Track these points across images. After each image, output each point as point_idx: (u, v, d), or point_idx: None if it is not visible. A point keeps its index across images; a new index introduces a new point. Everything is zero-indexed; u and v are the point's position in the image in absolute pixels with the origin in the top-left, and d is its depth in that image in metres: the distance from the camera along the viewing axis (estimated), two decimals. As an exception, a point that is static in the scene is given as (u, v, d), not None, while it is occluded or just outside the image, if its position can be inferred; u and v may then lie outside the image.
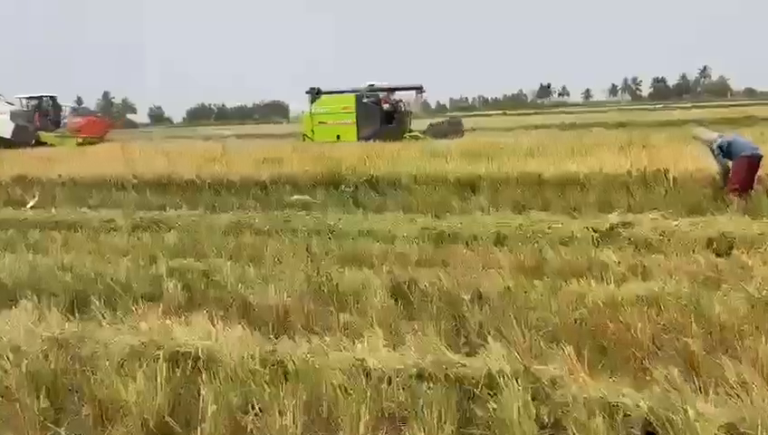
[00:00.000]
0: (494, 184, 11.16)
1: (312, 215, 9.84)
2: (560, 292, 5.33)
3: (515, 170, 11.57)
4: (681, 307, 4.77)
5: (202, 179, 13.12)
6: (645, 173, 10.78)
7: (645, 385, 3.93)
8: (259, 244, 7.82)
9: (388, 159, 13.72)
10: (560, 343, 4.33)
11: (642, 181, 10.59)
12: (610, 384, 3.82)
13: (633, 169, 10.89)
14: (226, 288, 5.94)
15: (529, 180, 11.08)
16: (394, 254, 7.21)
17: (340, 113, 25.83)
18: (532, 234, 8.03)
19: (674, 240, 7.48)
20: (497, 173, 11.44)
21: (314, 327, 5.00)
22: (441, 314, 5.04)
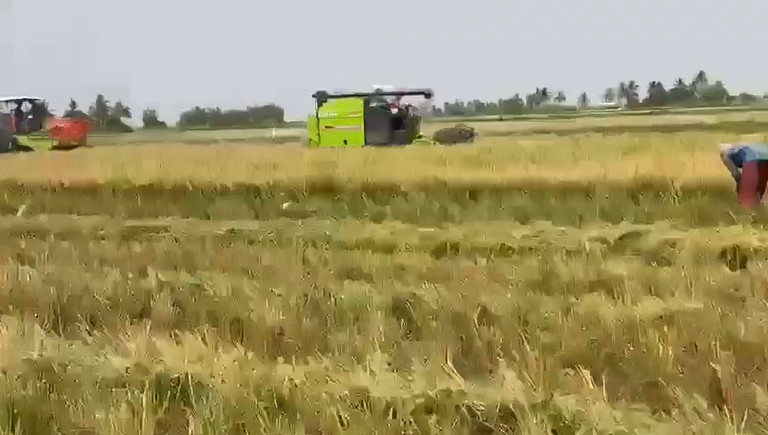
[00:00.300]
0: (495, 191, 10.90)
1: (307, 223, 9.54)
2: (572, 310, 5.03)
3: (517, 177, 11.31)
4: (704, 328, 4.48)
5: (195, 185, 12.82)
6: (651, 180, 10.52)
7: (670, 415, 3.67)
8: (253, 254, 7.52)
9: (384, 166, 13.44)
10: (575, 367, 4.05)
11: (649, 189, 10.34)
12: (633, 414, 3.53)
13: (639, 177, 10.63)
14: (219, 304, 5.63)
15: (531, 188, 10.81)
16: (394, 266, 6.91)
17: (348, 118, 25.21)
18: (538, 245, 7.74)
19: (685, 252, 7.20)
20: (498, 180, 11.17)
21: (312, 348, 4.69)
22: (447, 334, 4.73)
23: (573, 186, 10.97)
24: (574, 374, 3.98)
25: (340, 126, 25.13)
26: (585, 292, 5.71)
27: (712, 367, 3.85)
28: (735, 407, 3.61)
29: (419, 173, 12.11)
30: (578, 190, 10.77)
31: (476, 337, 4.63)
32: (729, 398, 3.70)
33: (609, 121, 45.73)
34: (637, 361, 4.14)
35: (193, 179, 13.00)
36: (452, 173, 11.95)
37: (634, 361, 4.15)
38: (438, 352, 4.37)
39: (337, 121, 25.31)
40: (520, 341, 4.53)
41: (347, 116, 25.22)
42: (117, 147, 28.49)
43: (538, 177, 11.31)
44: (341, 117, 25.35)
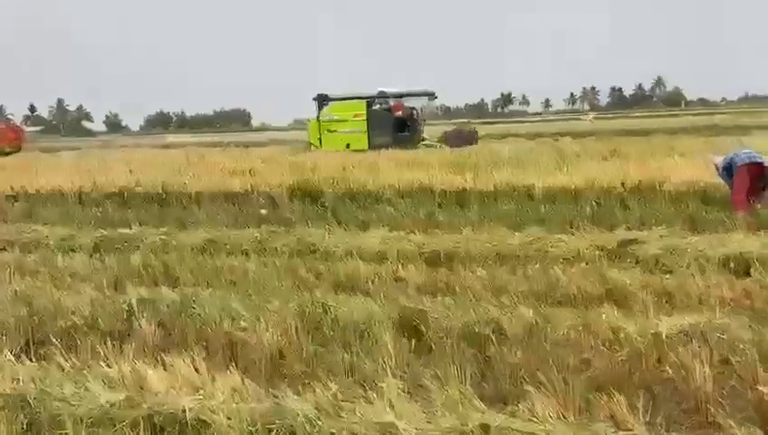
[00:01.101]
0: (481, 197, 10.61)
1: (291, 232, 9.10)
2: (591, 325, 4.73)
3: (502, 182, 11.04)
4: (735, 344, 4.21)
5: (168, 192, 12.27)
6: (639, 185, 10.35)
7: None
8: (238, 266, 7.07)
9: (366, 170, 13.07)
10: (608, 391, 3.74)
11: (636, 194, 10.16)
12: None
13: (627, 182, 10.45)
14: (208, 323, 5.19)
15: (518, 193, 10.55)
16: (390, 277, 6.55)
17: (351, 121, 24.44)
18: (535, 253, 7.46)
19: (686, 259, 6.99)
20: (485, 186, 10.87)
21: (316, 372, 4.31)
22: (462, 354, 4.39)
23: (560, 191, 10.74)
24: (607, 399, 3.69)
25: (342, 129, 24.38)
26: (595, 304, 5.45)
27: (758, 390, 3.57)
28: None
29: (402, 178, 11.77)
30: (565, 196, 10.53)
31: (495, 358, 4.29)
32: (778, 424, 3.42)
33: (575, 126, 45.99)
34: (673, 383, 3.85)
35: (166, 186, 12.44)
36: (435, 178, 11.63)
37: (670, 383, 3.86)
38: (455, 375, 4.04)
39: (339, 125, 24.54)
40: (541, 361, 4.21)
41: (350, 119, 24.46)
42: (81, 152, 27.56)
43: (523, 182, 11.05)
44: (344, 120, 24.56)
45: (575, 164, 13.20)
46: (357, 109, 24.69)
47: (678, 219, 8.73)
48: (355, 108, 24.78)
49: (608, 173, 11.37)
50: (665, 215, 9.08)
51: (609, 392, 3.75)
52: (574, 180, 10.89)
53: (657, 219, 8.76)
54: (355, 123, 24.33)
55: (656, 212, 9.27)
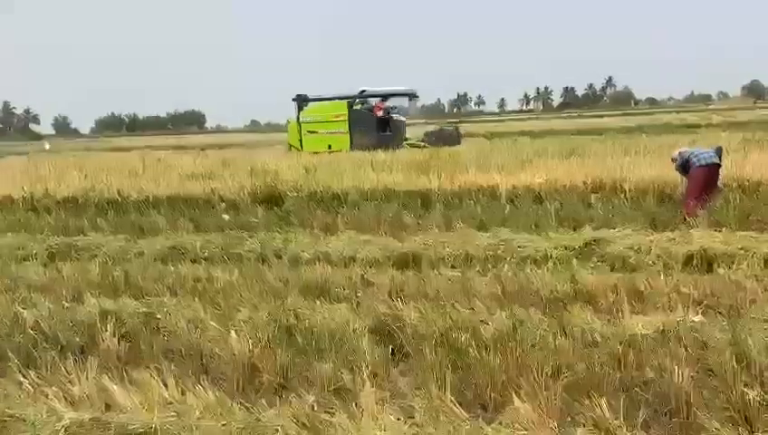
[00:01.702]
0: (446, 198, 10.58)
1: (254, 237, 8.91)
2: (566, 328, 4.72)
3: (467, 183, 11.03)
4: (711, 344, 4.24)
5: (124, 198, 11.91)
6: (601, 185, 10.46)
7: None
8: (203, 274, 6.87)
9: (328, 172, 12.91)
10: (589, 395, 3.72)
11: (599, 193, 10.27)
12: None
13: (589, 181, 10.55)
14: (175, 334, 5.01)
15: (483, 194, 10.55)
16: (359, 282, 6.45)
17: (332, 122, 23.92)
18: (503, 254, 7.44)
19: (652, 257, 7.07)
20: (450, 186, 10.85)
21: (292, 384, 4.18)
22: (440, 360, 4.31)
23: (524, 191, 10.78)
24: (589, 403, 3.66)
25: (323, 130, 23.89)
26: (568, 304, 5.44)
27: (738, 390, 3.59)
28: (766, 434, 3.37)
29: (366, 180, 11.66)
30: (529, 195, 10.58)
31: (473, 364, 4.22)
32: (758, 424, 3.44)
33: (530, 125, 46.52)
34: (653, 385, 3.84)
35: (122, 191, 12.07)
36: (400, 180, 11.56)
37: (650, 385, 3.85)
38: (434, 383, 3.96)
39: (320, 126, 24.03)
40: (520, 365, 4.17)
41: (331, 120, 23.97)
42: (29, 157, 26.66)
43: (488, 183, 11.06)
44: (325, 120, 24.04)
45: (536, 164, 13.28)
46: (338, 109, 24.25)
47: (641, 218, 8.85)
48: (336, 108, 24.34)
49: (569, 173, 11.46)
50: (627, 213, 9.19)
51: (590, 395, 3.73)
52: (536, 180, 10.94)
53: (620, 218, 8.86)
54: (336, 124, 23.92)
55: (618, 211, 9.38)
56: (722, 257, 6.85)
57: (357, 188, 11.15)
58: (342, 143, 23.12)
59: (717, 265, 6.68)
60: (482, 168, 12.85)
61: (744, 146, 14.39)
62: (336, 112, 24.15)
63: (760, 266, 6.35)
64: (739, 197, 9.38)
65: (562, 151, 15.37)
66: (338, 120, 23.95)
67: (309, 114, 24.67)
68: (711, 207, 8.95)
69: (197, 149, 31.18)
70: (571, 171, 11.61)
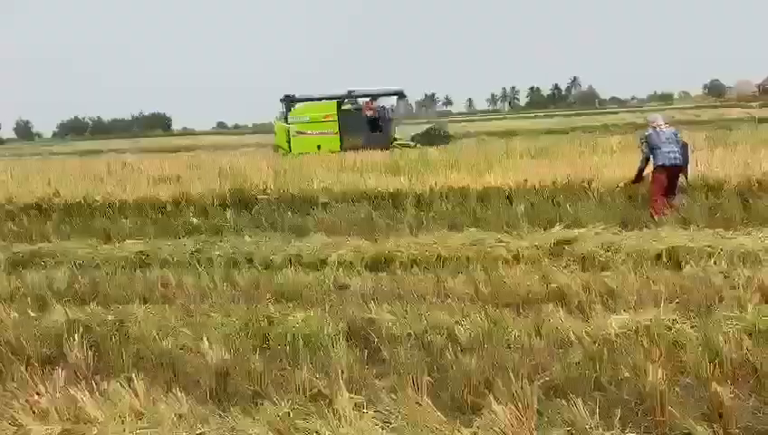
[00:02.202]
0: (418, 199, 10.58)
1: (225, 241, 8.80)
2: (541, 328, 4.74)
3: (438, 184, 11.04)
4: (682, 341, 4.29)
5: (90, 203, 11.66)
6: (570, 184, 10.56)
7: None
8: (173, 280, 6.75)
9: (298, 174, 12.82)
10: (566, 395, 3.73)
11: (569, 193, 10.36)
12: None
13: (558, 181, 10.64)
14: (145, 342, 4.91)
15: (455, 195, 10.57)
16: (333, 285, 6.40)
17: (321, 122, 23.45)
18: (476, 254, 7.46)
19: (622, 256, 7.15)
20: (421, 188, 10.85)
21: (266, 390, 4.12)
22: (416, 363, 4.29)
23: (494, 191, 10.82)
24: (565, 403, 3.67)
25: (312, 131, 23.41)
26: (541, 304, 5.46)
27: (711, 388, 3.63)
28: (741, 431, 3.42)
29: (337, 182, 11.60)
30: (499, 196, 10.62)
31: (449, 366, 4.21)
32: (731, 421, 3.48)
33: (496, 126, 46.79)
34: (627, 383, 3.87)
35: (88, 196, 11.82)
36: (371, 182, 11.52)
37: (624, 383, 3.88)
38: (411, 386, 3.94)
39: (309, 126, 23.56)
40: (496, 367, 4.17)
41: (320, 120, 23.50)
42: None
43: (458, 183, 11.08)
44: (314, 121, 23.57)
45: (506, 164, 13.35)
46: (327, 110, 23.83)
47: (610, 216, 8.95)
48: (325, 109, 23.91)
49: (538, 173, 11.54)
50: (596, 212, 9.28)
51: (566, 396, 3.74)
52: (506, 181, 10.99)
53: (589, 217, 8.95)
54: (326, 125, 23.49)
55: (587, 210, 9.47)
56: (690, 255, 6.96)
57: (327, 190, 11.08)
58: (332, 144, 22.81)
59: (686, 263, 6.77)
60: (453, 168, 12.88)
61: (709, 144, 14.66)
62: (325, 113, 23.78)
63: (727, 263, 6.45)
64: (705, 195, 9.54)
65: (531, 151, 15.49)
66: (327, 121, 23.59)
67: (297, 115, 24.24)
68: (677, 205, 9.10)
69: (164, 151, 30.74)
70: (541, 171, 11.69)
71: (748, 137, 17.03)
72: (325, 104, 24.30)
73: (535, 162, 13.69)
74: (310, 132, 23.48)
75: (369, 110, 24.13)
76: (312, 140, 23.25)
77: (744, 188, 9.69)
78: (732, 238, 7.20)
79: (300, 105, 24.65)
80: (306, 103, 24.78)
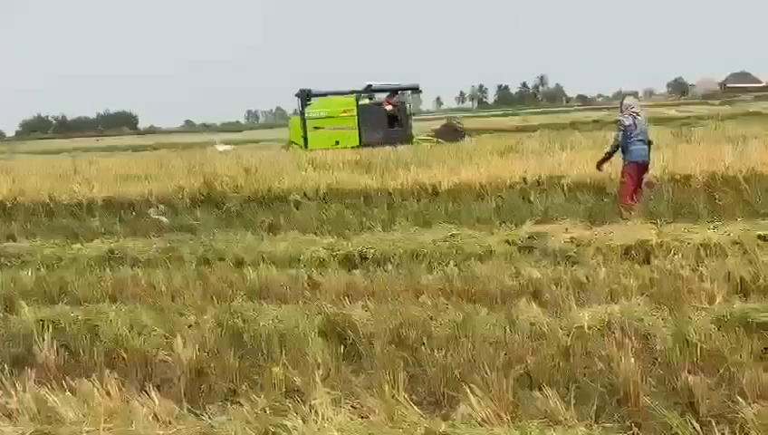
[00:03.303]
0: (389, 196, 10.60)
1: (196, 239, 8.71)
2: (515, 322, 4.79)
3: (410, 181, 11.08)
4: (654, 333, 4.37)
5: (57, 202, 11.46)
6: (540, 181, 10.68)
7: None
8: (145, 278, 6.67)
9: (269, 172, 12.75)
10: (540, 388, 3.77)
11: (539, 189, 10.47)
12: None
13: (528, 177, 10.75)
14: (118, 342, 4.84)
15: (426, 191, 10.62)
16: (307, 283, 6.38)
17: (340, 117, 22.81)
18: (448, 250, 7.50)
19: (591, 250, 7.24)
20: (392, 184, 10.87)
21: (241, 388, 4.09)
22: (392, 359, 4.30)
23: (465, 188, 10.90)
24: (540, 395, 3.72)
25: (330, 126, 22.73)
26: (515, 299, 5.51)
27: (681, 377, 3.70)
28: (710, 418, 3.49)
29: (309, 180, 11.56)
30: (470, 192, 10.70)
31: (425, 361, 4.23)
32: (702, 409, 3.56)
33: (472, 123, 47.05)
34: (601, 375, 3.93)
35: (54, 195, 11.61)
36: (343, 179, 11.52)
37: (598, 375, 3.94)
38: (387, 381, 3.94)
39: (327, 121, 22.89)
40: (471, 361, 4.20)
41: (339, 115, 22.89)
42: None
43: (430, 180, 11.13)
44: (332, 116, 22.91)
45: (476, 161, 13.45)
46: (346, 104, 23.29)
47: (579, 212, 9.07)
48: (344, 103, 23.37)
49: (509, 169, 11.66)
50: (566, 208, 9.40)
51: (541, 388, 3.79)
52: (477, 177, 11.08)
53: (559, 213, 9.06)
54: (344, 119, 22.89)
55: (558, 206, 9.58)
56: (658, 248, 7.08)
57: (299, 187, 11.05)
58: (351, 139, 22.25)
59: (654, 256, 6.89)
60: (423, 165, 12.93)
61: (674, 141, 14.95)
62: (344, 107, 23.22)
63: (694, 256, 6.58)
64: (672, 190, 9.72)
65: (499, 148, 15.63)
66: (346, 116, 23.01)
67: (315, 109, 23.53)
68: (645, 200, 9.25)
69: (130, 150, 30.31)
70: (511, 168, 11.80)
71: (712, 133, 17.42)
72: (344, 99, 23.78)
73: (506, 159, 13.82)
74: (328, 127, 22.83)
75: (389, 105, 23.65)
76: (329, 136, 22.61)
77: (709, 183, 9.90)
78: (698, 232, 7.34)
79: (316, 100, 24.03)
80: (324, 98, 24.21)
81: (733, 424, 3.38)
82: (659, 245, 7.15)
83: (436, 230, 8.34)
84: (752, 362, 3.86)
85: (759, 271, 5.66)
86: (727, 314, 4.60)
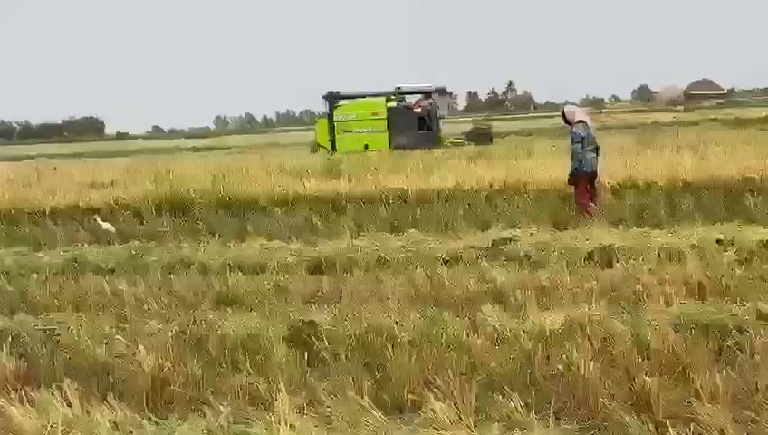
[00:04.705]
0: (357, 202, 10.63)
1: (161, 246, 8.63)
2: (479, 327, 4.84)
3: (378, 187, 11.12)
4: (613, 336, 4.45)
5: (18, 210, 11.25)
6: (506, 187, 10.80)
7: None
8: (108, 287, 6.58)
9: (237, 178, 12.69)
10: (503, 391, 3.82)
11: (505, 194, 10.60)
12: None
13: (495, 183, 10.87)
14: (78, 351, 4.77)
15: (394, 197, 10.67)
16: (273, 289, 6.37)
17: (370, 120, 22.73)
18: (415, 256, 7.54)
19: (555, 255, 7.35)
20: (360, 191, 10.91)
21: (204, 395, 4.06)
22: (356, 364, 4.31)
23: (433, 194, 10.99)
24: (502, 399, 3.76)
25: (359, 129, 22.59)
26: (479, 304, 5.56)
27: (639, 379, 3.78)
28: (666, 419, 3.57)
29: (277, 186, 11.54)
30: (438, 198, 10.79)
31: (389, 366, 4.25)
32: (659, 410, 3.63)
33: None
34: (561, 378, 3.99)
35: (15, 203, 11.40)
36: (310, 185, 11.51)
37: (558, 378, 4.00)
38: (351, 387, 3.96)
39: (356, 124, 22.74)
40: (435, 365, 4.23)
41: (368, 118, 22.78)
42: None
43: (397, 186, 11.20)
44: (362, 119, 22.78)
45: (443, 168, 13.56)
46: (376, 107, 23.14)
47: (544, 217, 9.21)
48: (374, 106, 23.21)
49: (476, 175, 11.77)
50: (531, 213, 9.53)
51: (503, 392, 3.84)
52: (445, 183, 11.17)
53: (524, 218, 9.19)
54: (374, 122, 22.78)
55: (523, 211, 9.71)
56: (620, 253, 7.21)
57: (267, 193, 11.02)
58: (380, 142, 22.05)
59: (616, 260, 7.02)
60: (392, 171, 12.99)
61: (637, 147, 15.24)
62: (374, 110, 23.06)
63: (654, 260, 6.72)
64: (633, 195, 9.91)
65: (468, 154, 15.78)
66: (375, 119, 22.86)
67: (344, 112, 23.33)
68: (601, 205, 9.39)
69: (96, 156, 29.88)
70: (479, 173, 11.93)
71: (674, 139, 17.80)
72: (374, 101, 23.60)
73: (473, 165, 13.96)
74: (357, 130, 22.70)
75: (419, 107, 23.45)
76: (359, 139, 22.46)
77: (669, 189, 10.13)
78: (658, 237, 7.50)
79: (345, 102, 23.80)
80: (353, 101, 23.99)
81: (688, 425, 3.45)
82: (621, 249, 7.29)
83: (403, 236, 8.40)
84: (707, 363, 3.95)
85: (716, 274, 5.80)
86: (683, 317, 4.71)
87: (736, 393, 3.62)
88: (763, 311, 4.73)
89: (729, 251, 6.79)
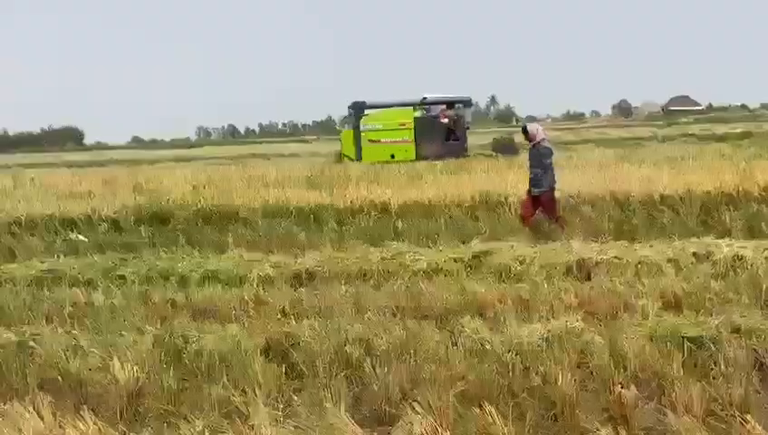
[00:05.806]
0: (339, 214, 10.61)
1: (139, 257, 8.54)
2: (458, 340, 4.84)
3: (360, 199, 11.11)
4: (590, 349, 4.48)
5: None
6: (487, 199, 10.85)
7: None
8: (83, 299, 6.50)
9: (218, 189, 12.62)
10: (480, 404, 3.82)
11: (486, 207, 10.63)
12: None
13: (476, 196, 10.91)
14: (52, 364, 4.70)
15: (376, 209, 10.67)
16: (252, 302, 6.32)
17: (396, 130, 22.49)
18: (396, 268, 7.53)
19: (535, 268, 7.38)
20: (342, 202, 10.89)
21: (180, 408, 4.02)
22: (335, 377, 4.29)
23: (415, 206, 10.99)
24: (480, 412, 3.76)
25: (386, 139, 22.38)
26: (458, 315, 5.57)
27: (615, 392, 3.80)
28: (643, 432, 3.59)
29: (258, 197, 11.48)
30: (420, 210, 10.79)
31: (368, 379, 4.24)
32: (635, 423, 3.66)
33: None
34: (538, 390, 4.00)
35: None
36: (291, 196, 11.47)
37: (536, 390, 4.01)
38: (329, 399, 3.94)
39: (383, 134, 22.51)
40: (414, 378, 4.23)
41: (395, 128, 22.56)
42: None
43: (380, 198, 11.19)
44: (388, 129, 22.55)
45: (426, 180, 13.59)
46: (402, 117, 22.93)
47: (524, 230, 9.25)
48: (401, 116, 22.99)
49: (458, 188, 11.81)
50: (511, 226, 9.57)
51: (481, 404, 3.83)
52: (427, 196, 11.19)
53: (505, 231, 9.22)
54: (401, 132, 22.60)
55: (503, 224, 9.75)
56: (598, 266, 7.27)
57: (247, 205, 10.95)
58: (407, 153, 21.99)
59: (594, 274, 7.07)
60: (374, 183, 13.00)
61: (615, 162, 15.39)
62: (401, 120, 22.90)
63: (632, 273, 6.77)
64: (612, 209, 9.99)
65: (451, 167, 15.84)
66: (402, 129, 22.71)
67: (370, 122, 23.15)
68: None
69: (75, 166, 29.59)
70: (460, 186, 11.96)
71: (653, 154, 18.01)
72: (400, 111, 23.45)
73: (455, 178, 14.00)
74: (383, 141, 22.54)
75: (445, 117, 23.38)
76: (385, 149, 22.36)
77: (648, 203, 10.23)
78: (636, 250, 7.56)
79: (371, 112, 23.70)
80: (379, 110, 23.85)
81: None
82: (600, 262, 7.35)
83: (384, 248, 8.39)
84: (682, 375, 3.99)
85: (691, 287, 5.86)
86: (659, 330, 4.75)
87: (710, 406, 3.65)
88: (737, 324, 4.77)
89: (705, 264, 6.88)
